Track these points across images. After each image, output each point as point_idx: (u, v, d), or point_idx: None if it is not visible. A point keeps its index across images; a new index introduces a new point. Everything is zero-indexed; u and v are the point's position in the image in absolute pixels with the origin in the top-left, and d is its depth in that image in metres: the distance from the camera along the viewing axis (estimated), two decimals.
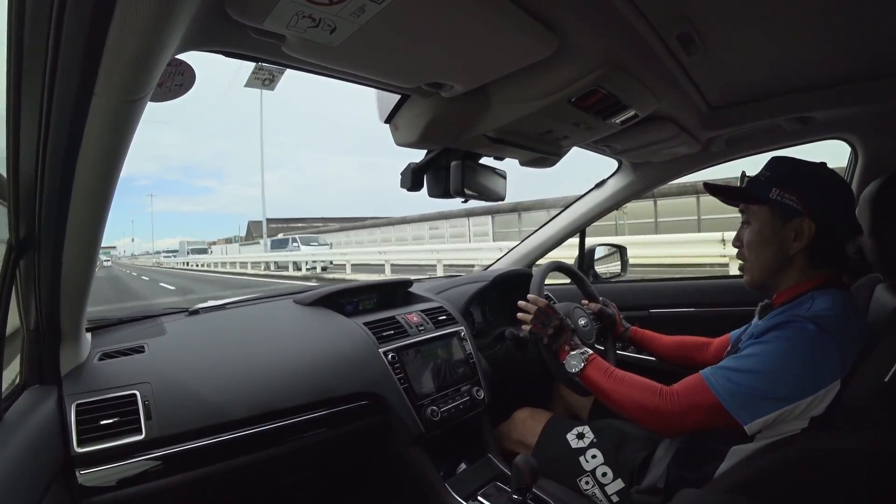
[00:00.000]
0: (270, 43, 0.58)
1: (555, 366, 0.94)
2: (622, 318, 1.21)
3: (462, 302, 1.36)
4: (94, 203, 0.58)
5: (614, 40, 0.70)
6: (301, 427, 0.88)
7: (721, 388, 0.68)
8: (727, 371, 0.70)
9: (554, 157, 1.13)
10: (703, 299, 1.49)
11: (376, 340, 1.06)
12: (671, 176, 1.49)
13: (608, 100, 0.83)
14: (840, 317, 0.69)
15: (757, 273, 0.80)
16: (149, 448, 0.73)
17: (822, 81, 0.96)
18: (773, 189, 0.76)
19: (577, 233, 1.68)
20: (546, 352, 0.95)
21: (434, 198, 1.05)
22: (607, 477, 0.91)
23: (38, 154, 0.53)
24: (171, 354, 0.92)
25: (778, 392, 0.66)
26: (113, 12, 0.38)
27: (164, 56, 0.46)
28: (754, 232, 0.79)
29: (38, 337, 0.74)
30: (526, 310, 0.99)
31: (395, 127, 0.94)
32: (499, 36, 0.62)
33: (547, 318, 0.95)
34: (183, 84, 0.62)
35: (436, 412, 1.05)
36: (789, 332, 0.68)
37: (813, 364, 0.66)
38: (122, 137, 0.52)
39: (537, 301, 0.99)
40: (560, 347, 0.92)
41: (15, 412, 0.66)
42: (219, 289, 10.98)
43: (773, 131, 1.20)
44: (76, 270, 0.67)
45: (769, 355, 0.68)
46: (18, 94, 0.48)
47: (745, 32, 0.76)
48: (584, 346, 0.91)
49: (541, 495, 0.93)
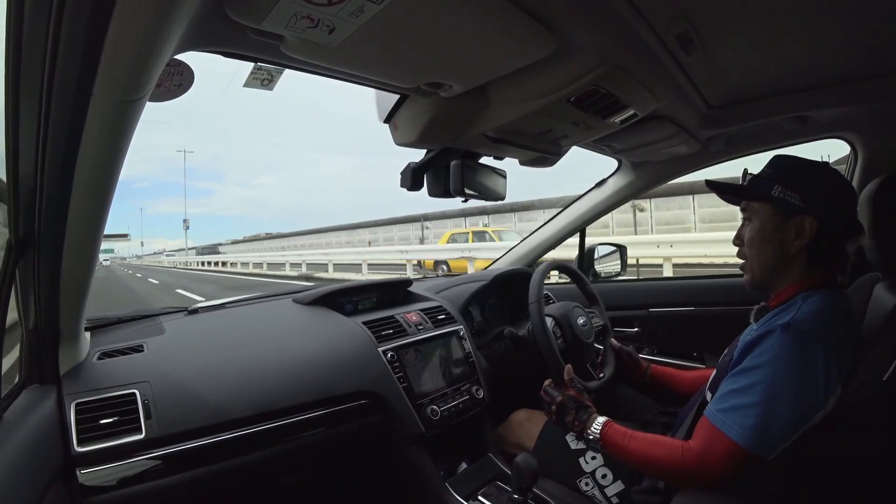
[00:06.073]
0: (269, 43, 0.58)
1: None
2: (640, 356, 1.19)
3: (461, 301, 1.36)
4: (93, 203, 0.58)
5: (613, 40, 0.70)
6: (301, 426, 0.88)
7: (738, 435, 0.66)
8: (737, 412, 0.68)
9: (553, 156, 1.13)
10: (703, 298, 1.49)
11: (376, 339, 1.06)
12: (671, 175, 1.49)
13: (607, 99, 0.83)
14: (827, 318, 0.68)
15: (758, 271, 0.80)
16: (149, 447, 0.73)
17: (822, 81, 0.96)
18: (775, 186, 0.75)
19: (577, 232, 1.68)
20: (561, 427, 0.92)
21: (434, 197, 1.05)
22: (607, 478, 0.91)
23: (37, 154, 0.53)
24: (171, 353, 0.92)
25: (791, 416, 0.65)
26: (112, 13, 0.38)
27: (162, 56, 0.46)
28: (755, 229, 0.79)
29: (37, 336, 0.74)
30: (546, 400, 0.95)
31: (395, 127, 0.94)
32: (498, 36, 0.62)
33: (561, 410, 0.90)
34: (182, 84, 0.62)
35: (435, 411, 1.05)
36: (777, 349, 0.67)
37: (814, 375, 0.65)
38: (121, 137, 0.52)
39: (555, 396, 0.94)
40: (572, 426, 0.88)
41: (14, 412, 0.66)
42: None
43: (773, 130, 1.20)
44: (75, 270, 0.67)
45: (767, 382, 0.66)
46: (17, 95, 0.48)
47: (744, 32, 0.76)
48: (595, 415, 0.86)
49: (541, 495, 0.93)
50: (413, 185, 1.04)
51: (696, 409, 0.82)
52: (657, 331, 1.53)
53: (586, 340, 1.17)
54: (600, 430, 0.82)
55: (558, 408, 0.91)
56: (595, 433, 0.82)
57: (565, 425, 0.89)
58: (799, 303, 0.71)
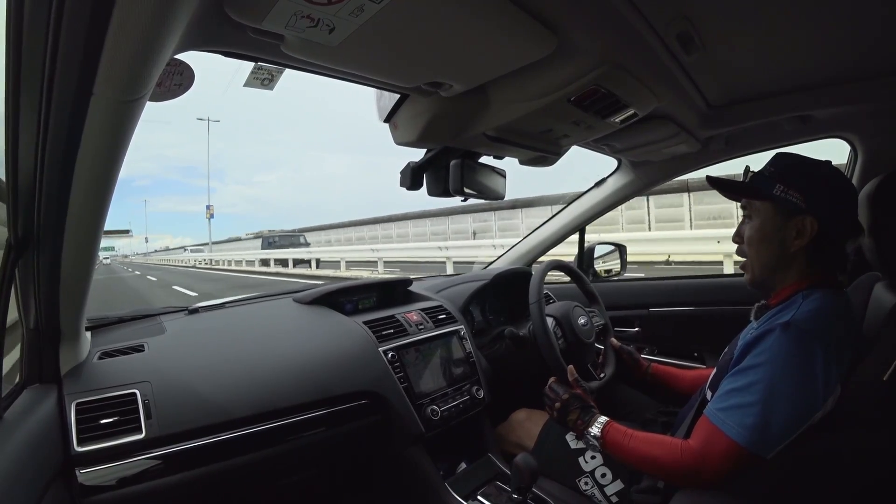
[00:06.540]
0: (269, 43, 0.58)
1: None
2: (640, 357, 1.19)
3: (462, 301, 1.36)
4: (93, 202, 0.58)
5: (614, 40, 0.70)
6: (301, 426, 0.88)
7: (737, 434, 0.66)
8: (736, 411, 0.68)
9: (553, 155, 1.13)
10: (703, 298, 1.49)
11: (376, 339, 1.06)
12: (671, 174, 1.49)
13: (607, 99, 0.83)
14: (827, 318, 0.68)
15: (758, 270, 0.80)
16: (148, 447, 0.73)
17: (822, 80, 0.96)
18: (776, 185, 0.75)
19: (577, 231, 1.68)
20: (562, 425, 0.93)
21: (433, 196, 1.05)
22: (606, 478, 0.91)
23: (36, 154, 0.53)
24: (171, 353, 0.92)
25: (790, 415, 0.65)
26: (112, 12, 0.38)
27: (162, 56, 0.46)
28: (755, 228, 0.79)
29: (37, 336, 0.74)
30: (550, 397, 0.95)
31: (395, 126, 0.94)
32: (498, 35, 0.62)
33: (565, 408, 0.91)
34: (182, 84, 0.62)
35: (435, 411, 1.05)
36: (777, 348, 0.67)
37: (813, 374, 0.65)
38: (120, 137, 0.52)
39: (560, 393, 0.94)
40: (574, 425, 0.88)
41: (15, 411, 0.66)
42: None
43: (773, 130, 1.20)
44: (75, 269, 0.67)
45: (766, 381, 0.67)
46: (17, 94, 0.48)
47: (745, 32, 0.76)
48: (597, 415, 0.86)
49: (541, 495, 0.93)
50: (413, 185, 1.04)
51: (697, 408, 0.82)
52: (657, 330, 1.53)
53: (587, 340, 1.17)
54: (602, 429, 0.82)
55: (563, 405, 0.91)
56: (596, 433, 0.83)
57: (567, 423, 0.89)
58: (799, 302, 0.71)
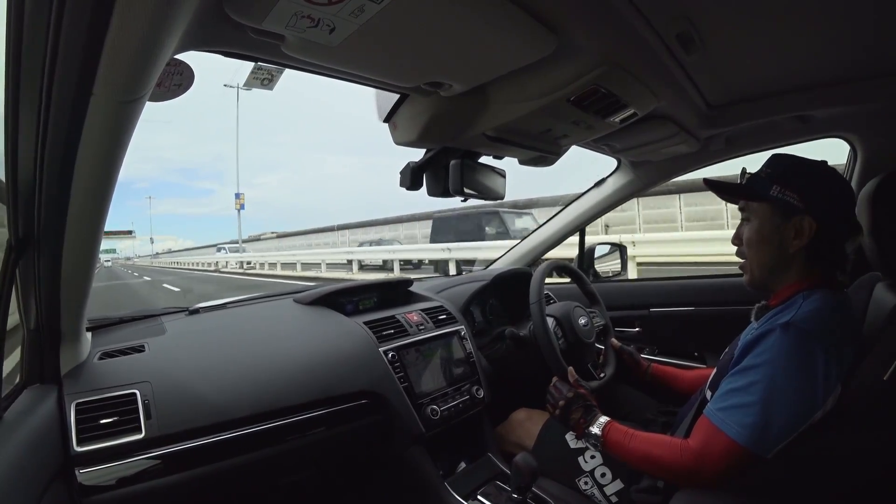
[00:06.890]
0: (269, 43, 0.58)
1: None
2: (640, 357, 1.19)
3: (462, 301, 1.36)
4: (93, 203, 0.58)
5: (613, 40, 0.70)
6: (301, 426, 0.88)
7: (737, 434, 0.66)
8: (736, 410, 0.68)
9: (553, 155, 1.13)
10: (703, 298, 1.49)
11: (376, 339, 1.06)
12: (670, 174, 1.49)
13: (607, 99, 0.83)
14: (827, 318, 0.68)
15: (757, 271, 0.80)
16: (148, 447, 0.73)
17: (822, 80, 0.96)
18: (774, 186, 0.75)
19: (577, 231, 1.68)
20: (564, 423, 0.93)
21: (433, 197, 1.05)
22: (606, 477, 0.91)
23: (36, 154, 0.53)
24: (171, 354, 0.92)
25: (790, 415, 0.65)
26: (111, 12, 0.38)
27: (162, 56, 0.46)
28: (754, 229, 0.79)
29: (38, 336, 0.74)
30: (554, 395, 0.95)
31: (395, 126, 0.94)
32: (498, 35, 0.62)
33: (568, 406, 0.91)
34: (182, 84, 0.62)
35: (436, 411, 1.05)
36: (777, 348, 0.67)
37: (813, 374, 0.65)
38: (120, 137, 0.52)
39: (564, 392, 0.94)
40: (576, 423, 0.88)
41: (15, 411, 0.66)
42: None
43: (773, 130, 1.20)
44: (76, 270, 0.67)
45: (767, 381, 0.67)
46: (17, 94, 0.48)
47: (745, 32, 0.76)
48: (598, 415, 0.87)
49: (541, 494, 0.93)
50: (412, 185, 1.04)
51: (697, 408, 0.82)
52: (658, 330, 1.53)
53: (587, 341, 1.17)
54: (602, 429, 0.83)
55: (567, 403, 0.91)
56: (597, 432, 0.83)
57: (569, 422, 0.90)
58: (799, 302, 0.71)
